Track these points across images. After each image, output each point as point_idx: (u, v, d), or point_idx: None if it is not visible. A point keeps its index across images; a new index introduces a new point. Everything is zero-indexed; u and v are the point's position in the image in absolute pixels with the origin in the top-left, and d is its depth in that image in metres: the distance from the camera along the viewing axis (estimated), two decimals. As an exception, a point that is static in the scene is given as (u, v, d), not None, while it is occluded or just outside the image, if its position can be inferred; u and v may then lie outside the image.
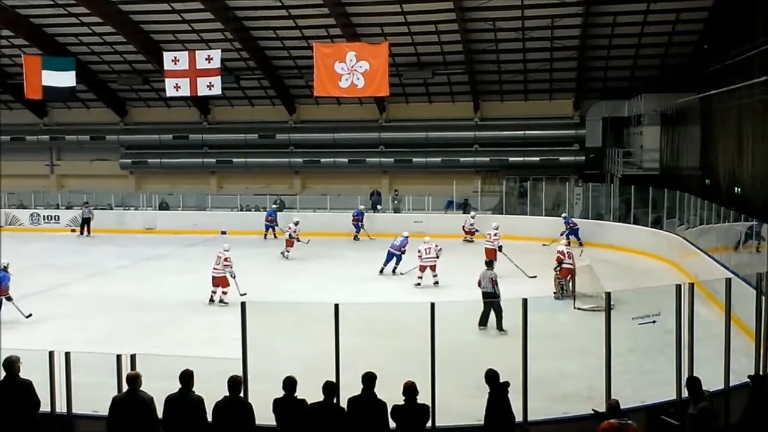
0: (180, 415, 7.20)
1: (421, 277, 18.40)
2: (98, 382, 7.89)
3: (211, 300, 16.47)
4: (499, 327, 13.66)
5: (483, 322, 13.94)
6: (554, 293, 16.42)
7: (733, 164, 20.49)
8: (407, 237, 20.22)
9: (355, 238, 26.50)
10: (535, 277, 18.62)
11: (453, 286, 17.81)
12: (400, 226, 26.16)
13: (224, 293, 16.43)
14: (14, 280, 15.28)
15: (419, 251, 18.49)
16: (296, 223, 23.10)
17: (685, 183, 23.84)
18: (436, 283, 18.37)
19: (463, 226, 25.64)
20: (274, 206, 27.96)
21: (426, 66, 29.72)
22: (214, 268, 16.62)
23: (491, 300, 13.91)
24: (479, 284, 14.56)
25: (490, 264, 15.14)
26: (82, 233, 28.55)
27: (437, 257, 18.42)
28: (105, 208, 30.86)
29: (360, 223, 26.64)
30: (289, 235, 22.90)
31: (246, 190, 32.75)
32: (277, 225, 26.51)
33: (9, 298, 14.84)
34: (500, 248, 19.97)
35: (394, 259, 19.84)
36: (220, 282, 16.49)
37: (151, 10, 27.59)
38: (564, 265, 16.67)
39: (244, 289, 16.17)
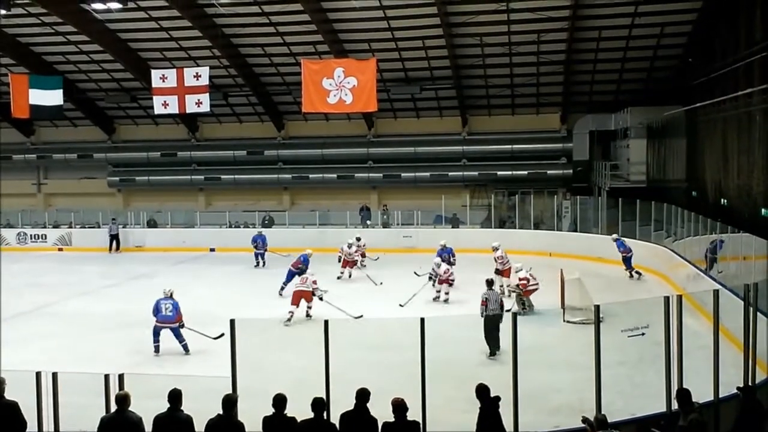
0: (169, 434, 7.12)
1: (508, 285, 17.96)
2: (86, 402, 7.81)
3: (289, 320, 15.65)
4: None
5: (493, 351, 12.65)
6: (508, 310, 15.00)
7: (719, 176, 20.65)
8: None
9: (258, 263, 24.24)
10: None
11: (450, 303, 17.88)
12: (390, 242, 26.33)
13: (309, 307, 16.17)
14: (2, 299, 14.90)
15: (496, 259, 18.72)
16: (358, 239, 22.28)
17: (671, 195, 23.96)
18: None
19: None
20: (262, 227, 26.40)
21: (414, 81, 29.88)
22: (300, 284, 16.35)
23: (496, 319, 12.84)
24: (486, 306, 13.33)
25: (491, 283, 14.12)
26: (111, 250, 28.35)
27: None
28: (93, 226, 30.72)
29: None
30: (362, 254, 22.33)
31: (235, 207, 32.73)
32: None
33: (181, 326, 13.66)
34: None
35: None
36: (304, 296, 16.04)
37: (138, 28, 27.63)
38: (530, 287, 16.31)
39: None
